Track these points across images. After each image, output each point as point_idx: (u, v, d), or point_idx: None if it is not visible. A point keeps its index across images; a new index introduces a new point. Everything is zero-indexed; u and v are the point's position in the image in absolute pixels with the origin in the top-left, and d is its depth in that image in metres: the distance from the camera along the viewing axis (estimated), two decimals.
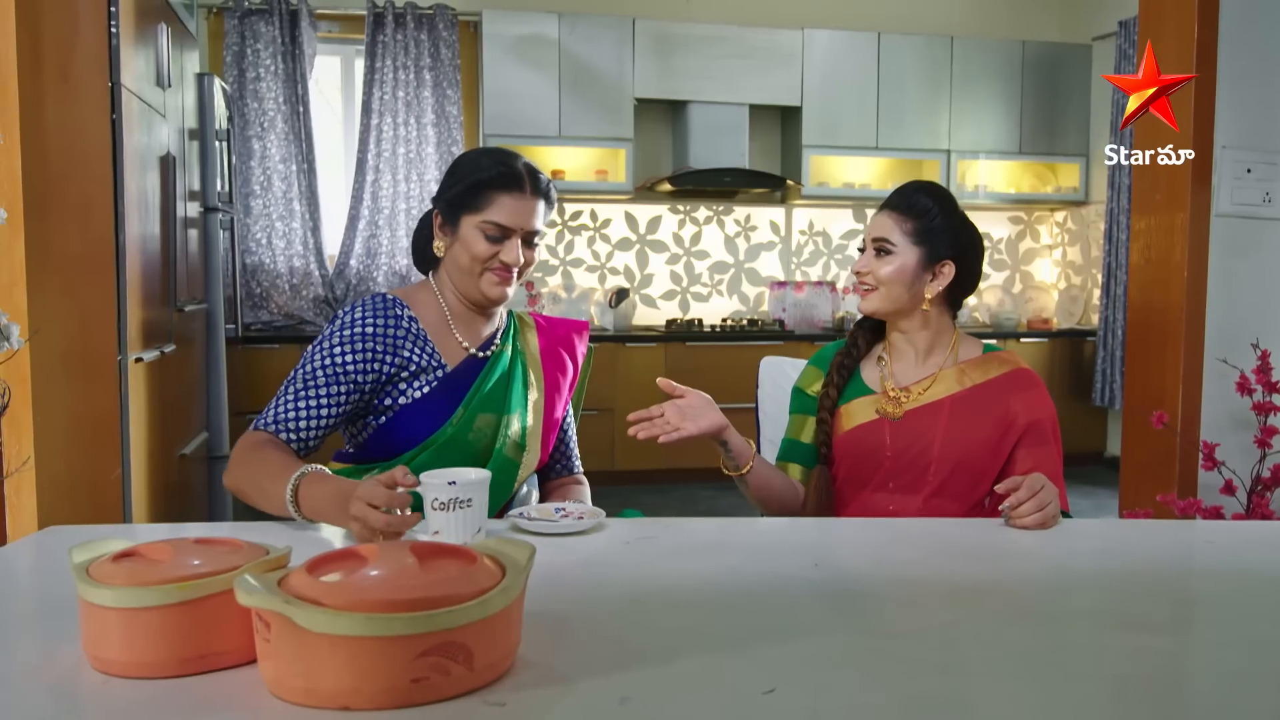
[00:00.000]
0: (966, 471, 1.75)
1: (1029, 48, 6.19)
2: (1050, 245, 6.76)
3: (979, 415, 1.76)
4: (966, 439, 1.75)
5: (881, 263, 1.79)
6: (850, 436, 1.82)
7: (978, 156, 6.28)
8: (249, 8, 5.40)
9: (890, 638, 1.01)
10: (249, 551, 1.00)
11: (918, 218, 1.78)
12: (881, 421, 1.80)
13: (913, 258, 1.78)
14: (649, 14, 5.81)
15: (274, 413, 1.63)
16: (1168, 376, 2.88)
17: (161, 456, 3.10)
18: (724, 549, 1.39)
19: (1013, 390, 1.79)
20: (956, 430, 1.75)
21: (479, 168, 1.73)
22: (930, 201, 1.79)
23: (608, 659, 0.95)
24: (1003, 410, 1.77)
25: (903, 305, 1.80)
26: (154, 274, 3.04)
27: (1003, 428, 1.76)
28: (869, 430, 1.80)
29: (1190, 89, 2.78)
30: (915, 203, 1.80)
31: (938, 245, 1.78)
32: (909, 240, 1.78)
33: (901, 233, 1.78)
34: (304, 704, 0.85)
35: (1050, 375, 6.07)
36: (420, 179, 5.65)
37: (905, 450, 1.77)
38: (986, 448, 1.75)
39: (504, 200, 1.71)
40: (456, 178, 1.74)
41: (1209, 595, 1.17)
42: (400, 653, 0.83)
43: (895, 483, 1.78)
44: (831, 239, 6.42)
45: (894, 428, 1.78)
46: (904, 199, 1.81)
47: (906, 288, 1.78)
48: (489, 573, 0.93)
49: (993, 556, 1.34)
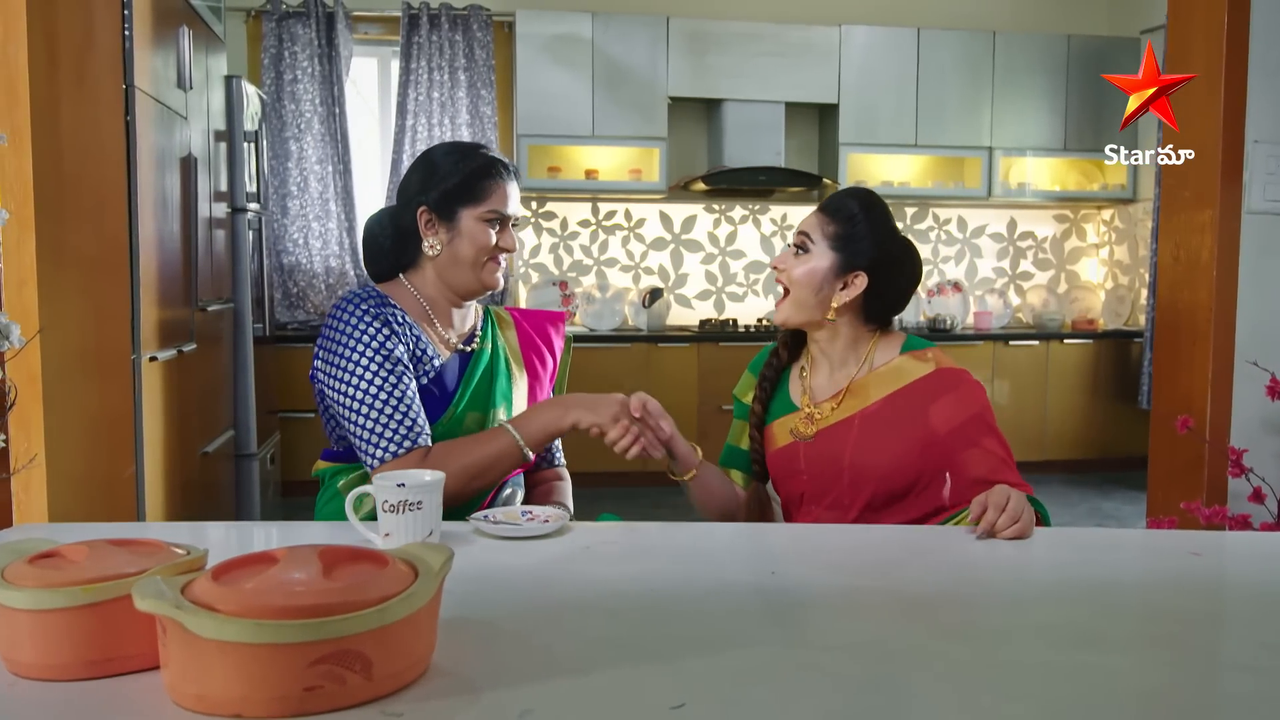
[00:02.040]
0: (885, 491, 1.68)
1: (1074, 41, 6.05)
2: (1097, 244, 6.60)
3: (889, 431, 1.69)
4: (876, 458, 1.67)
5: (796, 261, 1.74)
6: (775, 457, 1.79)
7: (1022, 153, 6.14)
8: (286, 10, 5.46)
9: (823, 650, 0.97)
10: (166, 554, 0.99)
11: (841, 222, 1.73)
12: (796, 445, 1.75)
13: (825, 262, 1.72)
14: (683, 12, 5.77)
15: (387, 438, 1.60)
16: (1196, 379, 2.78)
17: (181, 454, 3.14)
18: (684, 554, 1.36)
19: (930, 398, 1.69)
20: (866, 450, 1.68)
21: (468, 159, 1.73)
22: (856, 207, 1.73)
23: (524, 669, 0.93)
24: (918, 422, 1.68)
25: (812, 314, 1.73)
26: (173, 273, 3.07)
27: (921, 442, 1.67)
28: (787, 453, 1.77)
29: (1220, 82, 2.68)
30: (842, 206, 1.74)
31: (853, 254, 1.72)
32: (827, 244, 1.73)
33: (822, 234, 1.73)
34: (197, 710, 0.83)
35: (1095, 377, 5.93)
36: None
37: (820, 474, 1.72)
38: (901, 465, 1.67)
39: (498, 188, 1.74)
40: (443, 173, 1.73)
41: (1178, 612, 1.11)
42: (292, 661, 0.82)
43: (818, 504, 1.73)
44: None
45: (807, 450, 1.74)
46: (834, 201, 1.76)
47: (814, 292, 1.72)
48: (398, 579, 0.91)
49: (959, 567, 1.29)
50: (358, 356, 1.62)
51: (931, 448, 1.67)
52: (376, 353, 1.62)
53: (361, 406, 1.60)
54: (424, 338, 1.72)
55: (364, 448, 1.60)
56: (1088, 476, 5.85)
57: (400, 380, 1.62)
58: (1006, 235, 6.50)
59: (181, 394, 3.15)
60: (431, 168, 1.75)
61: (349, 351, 1.62)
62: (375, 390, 1.60)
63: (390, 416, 1.60)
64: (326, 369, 1.65)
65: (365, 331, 1.63)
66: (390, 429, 1.59)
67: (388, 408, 1.60)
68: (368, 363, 1.61)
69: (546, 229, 5.99)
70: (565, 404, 1.68)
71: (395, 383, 1.61)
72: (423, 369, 1.70)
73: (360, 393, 1.60)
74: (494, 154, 1.77)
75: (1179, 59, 2.84)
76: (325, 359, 1.66)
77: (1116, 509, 5.16)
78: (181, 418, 3.16)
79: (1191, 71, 2.81)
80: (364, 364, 1.61)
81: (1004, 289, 6.48)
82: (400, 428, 1.60)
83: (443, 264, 1.75)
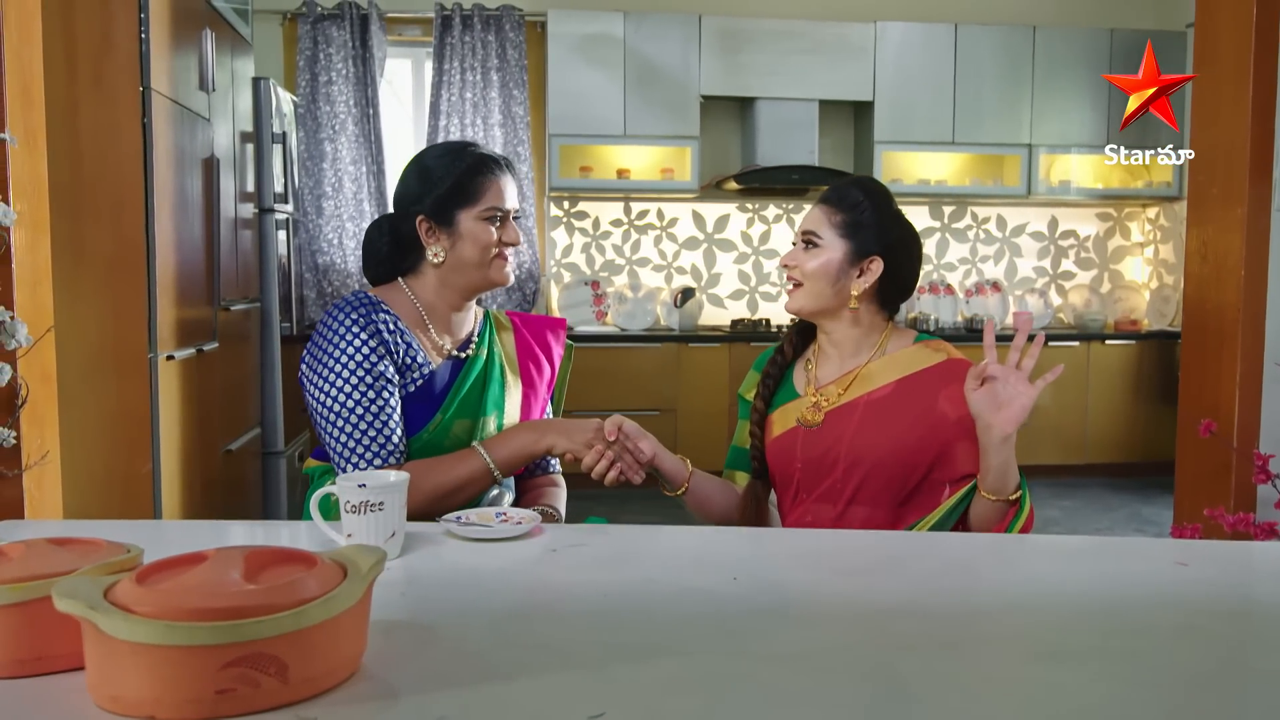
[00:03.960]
0: (880, 476, 1.65)
1: (1118, 36, 5.91)
2: (1142, 242, 6.45)
3: (896, 414, 1.66)
4: (877, 441, 1.65)
5: (808, 256, 1.71)
6: (774, 445, 1.76)
7: (1067, 151, 6.01)
8: (321, 13, 5.52)
9: (765, 661, 0.95)
10: (104, 554, 0.99)
11: (847, 211, 1.71)
12: (795, 430, 1.72)
13: (839, 252, 1.70)
14: (716, 10, 5.73)
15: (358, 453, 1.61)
16: (1223, 382, 2.69)
17: (201, 452, 3.18)
18: (652, 559, 1.34)
19: (941, 384, 1.67)
20: (868, 433, 1.65)
21: (458, 161, 1.73)
22: (861, 195, 1.72)
23: (451, 674, 0.91)
24: (927, 405, 1.66)
25: (828, 303, 1.71)
26: (194, 273, 3.11)
27: (927, 424, 1.65)
28: (785, 440, 1.74)
29: (1248, 77, 2.60)
30: (846, 196, 1.72)
31: (866, 240, 1.70)
32: (836, 234, 1.70)
33: (830, 226, 1.71)
34: (113, 711, 0.83)
35: (1137, 379, 5.79)
36: None
37: (816, 460, 1.69)
38: (903, 448, 1.64)
39: (493, 185, 1.73)
40: (436, 178, 1.72)
41: (1144, 624, 1.07)
42: (203, 663, 0.81)
43: (809, 493, 1.70)
44: None
45: (805, 436, 1.71)
46: (835, 192, 1.74)
47: (831, 283, 1.70)
48: (323, 582, 0.90)
49: (929, 575, 1.25)
50: (339, 368, 1.63)
51: (936, 433, 1.64)
52: (359, 365, 1.62)
53: (338, 419, 1.62)
54: (415, 344, 1.71)
55: (337, 459, 1.63)
56: (1129, 481, 5.72)
57: (380, 395, 1.63)
58: (1047, 234, 6.37)
59: (202, 392, 3.19)
60: (424, 174, 1.74)
61: (332, 362, 1.63)
62: (353, 404, 1.61)
63: (364, 432, 1.61)
64: (310, 375, 1.66)
65: (351, 343, 1.63)
66: (364, 444, 1.61)
67: (362, 423, 1.61)
68: (349, 375, 1.62)
69: (579, 229, 6.00)
70: (540, 428, 1.70)
71: (374, 398, 1.62)
72: (411, 376, 1.70)
73: (339, 405, 1.62)
74: (485, 150, 1.76)
75: (1207, 54, 2.76)
76: (310, 365, 1.67)
77: (1156, 514, 5.03)
78: (201, 416, 3.20)
79: (1220, 67, 2.74)
80: (345, 375, 1.62)
81: (1045, 289, 6.36)
82: (374, 444, 1.61)
83: (448, 269, 1.74)
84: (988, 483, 1.55)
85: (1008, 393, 1.50)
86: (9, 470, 2.32)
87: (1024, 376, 1.51)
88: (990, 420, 1.50)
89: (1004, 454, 1.52)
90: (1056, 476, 5.76)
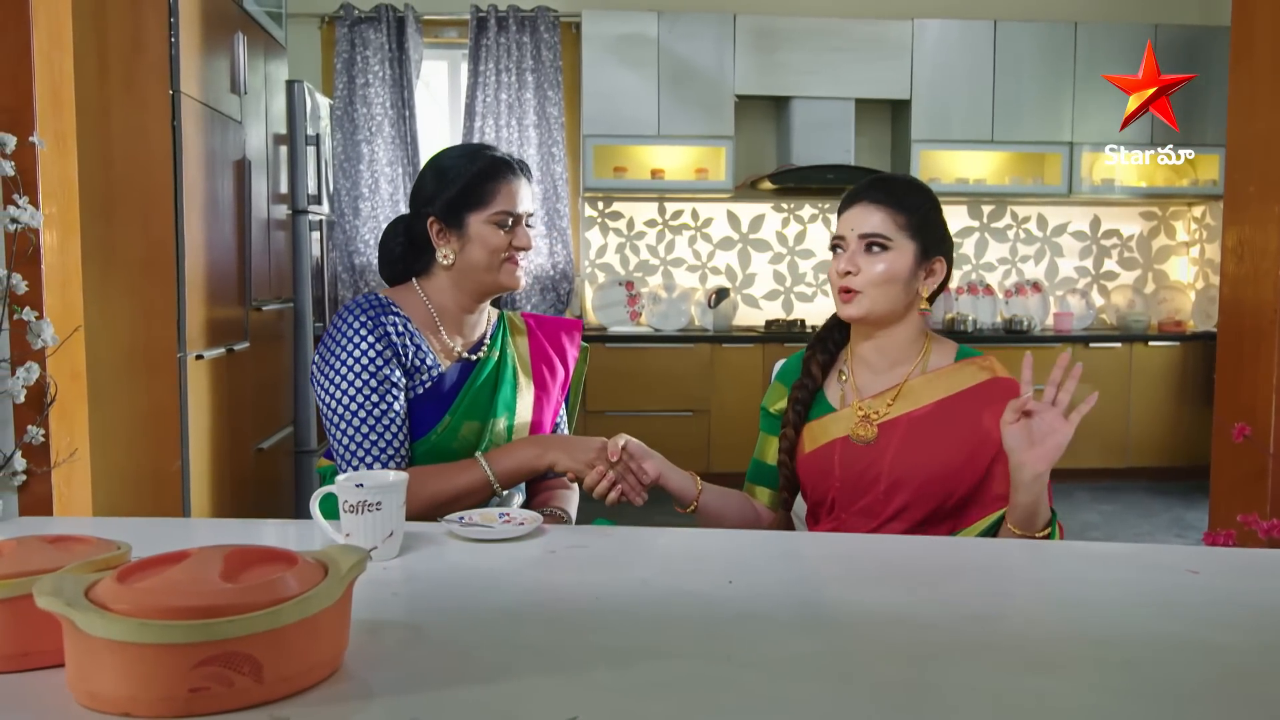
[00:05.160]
0: (923, 497, 1.58)
1: (1162, 31, 5.79)
2: (1187, 242, 6.32)
3: (940, 433, 1.59)
4: (922, 461, 1.58)
5: (873, 260, 1.61)
6: (807, 460, 1.68)
7: (1115, 149, 5.87)
8: (358, 16, 5.57)
9: (746, 666, 0.94)
10: (93, 550, 1.00)
11: (911, 211, 1.63)
12: (833, 445, 1.65)
13: (909, 254, 1.62)
14: (751, 9, 5.70)
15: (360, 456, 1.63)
16: (1260, 384, 2.63)
17: (232, 450, 3.22)
18: (649, 562, 1.33)
19: (986, 402, 1.60)
20: (912, 452, 1.58)
21: (471, 163, 1.73)
22: (919, 194, 1.65)
23: (431, 675, 0.91)
24: (971, 425, 1.59)
25: (896, 307, 1.63)
26: (225, 274, 3.15)
27: (972, 443, 1.59)
28: (821, 455, 1.66)
29: None
30: (904, 194, 1.64)
31: (930, 241, 1.64)
32: (906, 235, 1.62)
33: (896, 226, 1.61)
34: (91, 708, 0.84)
35: (1181, 381, 5.67)
36: None
37: (857, 477, 1.62)
38: (948, 469, 1.57)
39: (504, 189, 1.72)
40: (448, 180, 1.73)
41: (1143, 635, 1.04)
42: (176, 661, 0.81)
43: (845, 509, 1.63)
44: None
45: (845, 451, 1.63)
46: (890, 191, 1.64)
47: (903, 287, 1.62)
48: (302, 582, 0.90)
49: (932, 582, 1.22)
50: (345, 370, 1.64)
51: (983, 449, 1.58)
52: (365, 369, 1.64)
53: (340, 420, 1.64)
54: (425, 346, 1.72)
55: (339, 460, 1.65)
56: (1172, 485, 5.60)
57: (384, 399, 1.64)
58: (1089, 233, 6.27)
59: (232, 391, 3.23)
60: (438, 174, 1.74)
61: (338, 364, 1.65)
62: (356, 406, 1.63)
63: (365, 435, 1.63)
64: (318, 375, 1.68)
65: (359, 345, 1.65)
66: (365, 447, 1.63)
67: (365, 425, 1.63)
68: (354, 377, 1.64)
69: (613, 229, 6.00)
70: (544, 444, 1.69)
71: (377, 401, 1.63)
72: (420, 379, 1.71)
73: (343, 407, 1.64)
74: (499, 154, 1.75)
75: (1243, 50, 2.70)
76: (318, 365, 1.69)
77: (1199, 520, 4.92)
78: (232, 415, 3.24)
79: (1257, 62, 2.67)
80: (351, 378, 1.64)
81: (1087, 289, 6.25)
82: (374, 448, 1.63)
83: (458, 271, 1.74)
84: (1015, 517, 1.48)
85: (1043, 429, 1.42)
86: (38, 467, 2.37)
87: (1059, 413, 1.43)
88: (1023, 458, 1.42)
89: (1034, 492, 1.44)
90: (1097, 480, 5.66)
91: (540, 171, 5.71)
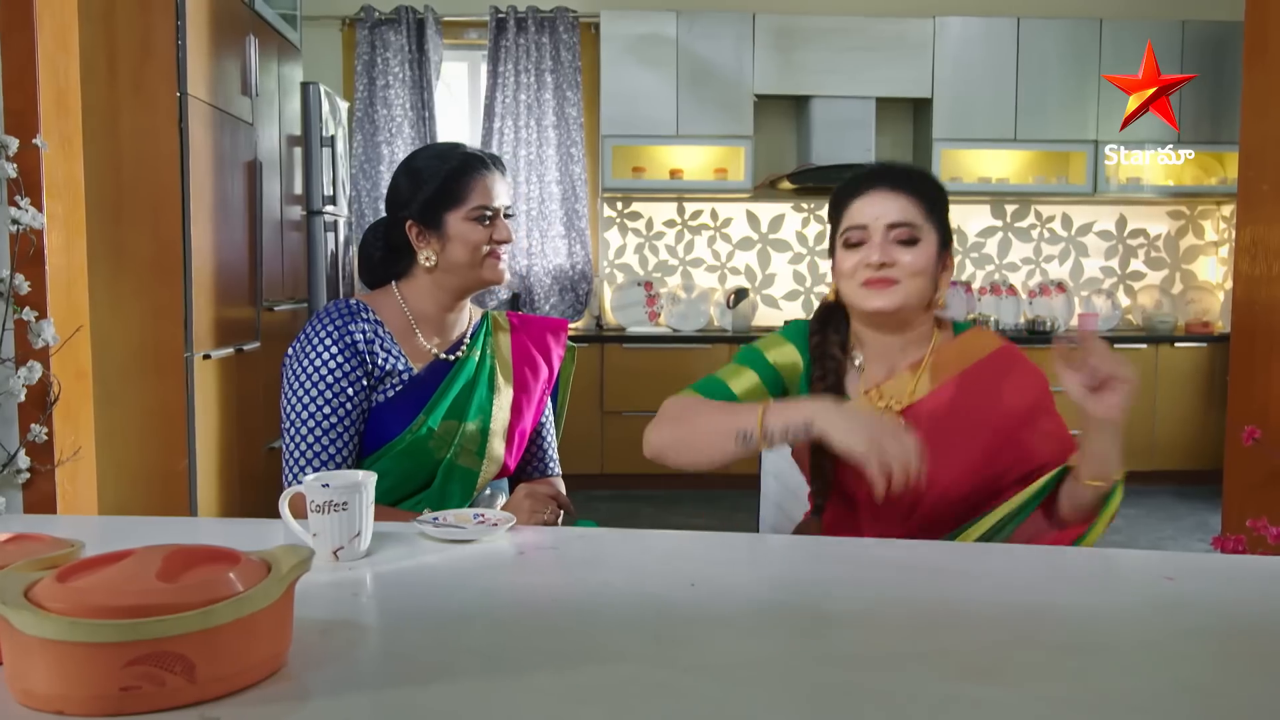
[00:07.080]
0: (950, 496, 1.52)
1: (1189, 28, 5.70)
2: (1215, 241, 6.21)
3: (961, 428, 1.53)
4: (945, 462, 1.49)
5: (906, 250, 1.52)
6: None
7: (1140, 146, 5.80)
8: (378, 18, 5.61)
9: (689, 671, 0.92)
10: (44, 548, 1.01)
11: (929, 201, 1.56)
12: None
13: (934, 244, 1.55)
14: (770, 8, 5.68)
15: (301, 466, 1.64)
16: (1273, 386, 2.58)
17: (241, 449, 3.24)
18: (618, 564, 1.32)
19: (1001, 375, 1.56)
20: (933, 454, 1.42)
21: (444, 162, 1.73)
22: (932, 182, 1.59)
23: (370, 677, 0.91)
24: (990, 406, 1.54)
25: (925, 298, 1.56)
26: (234, 274, 3.18)
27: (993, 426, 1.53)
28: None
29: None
30: (921, 183, 1.57)
31: (945, 232, 1.59)
32: (931, 226, 1.55)
33: (923, 215, 1.55)
34: (26, 705, 0.85)
35: (1209, 383, 5.58)
36: (540, 180, 5.72)
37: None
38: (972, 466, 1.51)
39: (479, 184, 1.72)
40: (422, 181, 1.73)
41: (1104, 641, 1.01)
42: (107, 660, 0.82)
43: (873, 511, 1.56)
44: (967, 236, 6.11)
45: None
46: (911, 179, 1.57)
47: (931, 279, 1.55)
48: (240, 581, 0.90)
49: (899, 582, 1.21)
50: (304, 377, 1.66)
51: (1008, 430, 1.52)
52: (323, 379, 1.65)
53: (291, 428, 1.66)
54: (395, 351, 1.72)
55: (284, 466, 1.67)
56: (1199, 489, 5.51)
57: (335, 411, 1.65)
58: (1115, 233, 6.18)
59: (242, 391, 3.26)
60: (411, 178, 1.74)
61: (301, 372, 1.67)
62: (309, 416, 1.65)
63: (310, 446, 1.64)
64: (282, 380, 1.71)
65: (320, 356, 1.67)
66: (308, 457, 1.64)
67: (311, 436, 1.64)
68: (310, 386, 1.65)
69: (631, 229, 5.99)
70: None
71: (329, 414, 1.65)
72: (391, 382, 1.71)
73: (295, 415, 1.65)
74: (471, 150, 1.75)
75: (1256, 47, 2.65)
76: (283, 369, 1.72)
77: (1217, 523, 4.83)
78: (241, 414, 3.26)
79: (1270, 60, 2.62)
80: (309, 386, 1.66)
81: (1112, 289, 6.16)
82: (316, 459, 1.64)
83: (441, 271, 1.74)
84: (1091, 470, 1.41)
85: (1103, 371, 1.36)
86: (42, 465, 2.39)
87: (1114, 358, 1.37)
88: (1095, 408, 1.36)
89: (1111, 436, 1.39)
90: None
91: (559, 172, 5.72)
